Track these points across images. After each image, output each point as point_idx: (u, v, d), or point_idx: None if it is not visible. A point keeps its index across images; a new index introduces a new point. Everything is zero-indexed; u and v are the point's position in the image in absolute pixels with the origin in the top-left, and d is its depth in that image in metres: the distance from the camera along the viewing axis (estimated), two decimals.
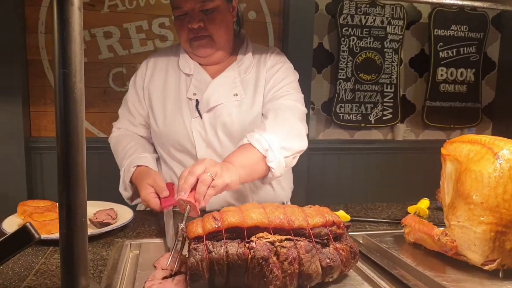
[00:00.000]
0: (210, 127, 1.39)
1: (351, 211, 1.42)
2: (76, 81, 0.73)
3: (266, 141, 1.23)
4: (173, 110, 1.42)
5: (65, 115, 0.73)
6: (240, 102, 1.40)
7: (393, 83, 3.48)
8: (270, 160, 1.22)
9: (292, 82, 1.46)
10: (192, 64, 1.45)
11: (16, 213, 1.19)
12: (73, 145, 0.74)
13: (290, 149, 1.29)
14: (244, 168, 1.16)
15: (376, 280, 0.87)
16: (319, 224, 0.83)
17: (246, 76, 1.43)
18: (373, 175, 3.50)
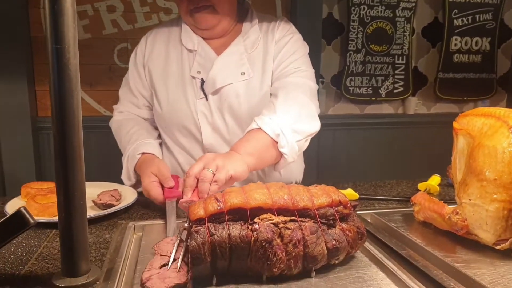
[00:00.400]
0: (216, 110, 1.31)
1: (360, 188, 1.39)
2: (70, 57, 0.70)
3: (277, 125, 1.16)
4: (176, 89, 1.34)
5: (60, 94, 0.70)
6: (247, 82, 1.31)
7: (405, 54, 3.38)
8: (282, 145, 1.16)
9: (302, 56, 1.37)
10: (195, 39, 1.35)
11: (20, 195, 1.18)
12: (69, 125, 0.72)
13: (302, 132, 1.23)
14: (252, 156, 1.10)
15: (384, 261, 0.84)
16: (325, 204, 0.80)
17: (254, 52, 1.34)
18: (384, 150, 3.45)
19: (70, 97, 0.71)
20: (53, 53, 0.69)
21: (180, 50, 1.37)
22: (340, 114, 3.42)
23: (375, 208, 1.19)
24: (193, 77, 1.33)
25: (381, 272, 0.82)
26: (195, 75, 1.33)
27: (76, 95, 0.71)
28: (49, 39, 0.68)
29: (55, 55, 0.69)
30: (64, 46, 0.69)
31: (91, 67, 2.90)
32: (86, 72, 2.91)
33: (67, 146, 0.72)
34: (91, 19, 2.86)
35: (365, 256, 0.89)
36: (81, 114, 0.73)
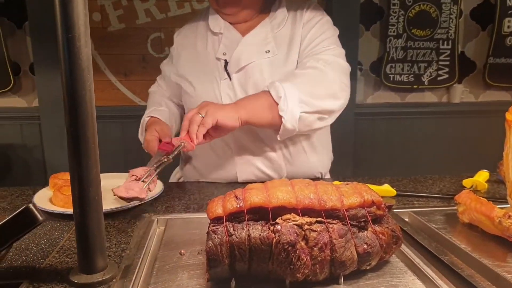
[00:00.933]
0: (240, 89, 1.31)
1: (398, 184, 1.30)
2: (81, 46, 0.66)
3: (283, 89, 1.15)
4: (202, 73, 1.36)
5: (72, 85, 0.67)
6: (272, 59, 1.30)
7: (451, 38, 3.17)
8: (282, 108, 1.15)
9: (331, 37, 1.34)
10: (222, 23, 1.37)
11: (49, 185, 1.18)
12: (82, 118, 0.68)
13: (313, 105, 1.19)
14: (245, 109, 1.15)
15: (422, 268, 0.76)
16: (356, 205, 0.73)
17: (280, 31, 1.33)
18: (426, 142, 3.27)
19: (82, 89, 0.67)
20: (63, 42, 0.65)
21: (206, 37, 1.40)
22: (379, 103, 3.28)
23: (414, 206, 1.10)
24: (218, 59, 1.34)
25: (419, 281, 0.74)
26: (220, 56, 1.34)
27: (88, 86, 0.68)
28: (59, 27, 0.65)
29: (65, 45, 0.65)
30: (74, 34, 0.65)
31: (125, 57, 2.92)
32: (120, 62, 2.94)
33: (81, 140, 0.68)
34: (125, 9, 2.87)
35: (401, 261, 0.81)
36: (94, 106, 0.69)
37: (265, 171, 1.35)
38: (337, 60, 1.29)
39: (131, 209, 1.07)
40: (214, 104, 1.16)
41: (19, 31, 2.97)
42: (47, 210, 1.02)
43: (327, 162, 1.48)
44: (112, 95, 2.99)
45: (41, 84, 2.89)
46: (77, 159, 0.69)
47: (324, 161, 1.46)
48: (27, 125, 3.02)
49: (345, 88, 1.28)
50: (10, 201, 1.16)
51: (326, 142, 1.47)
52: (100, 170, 0.73)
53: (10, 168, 3.11)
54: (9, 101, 3.05)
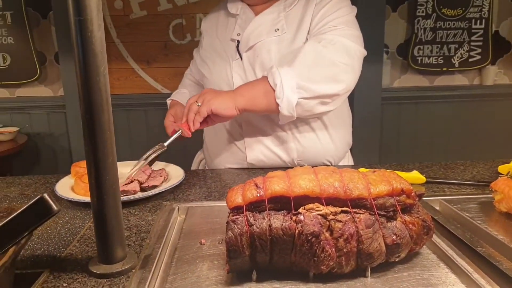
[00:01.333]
0: (249, 68, 1.30)
1: (427, 170, 1.24)
2: (93, 29, 0.64)
3: (279, 76, 1.14)
4: (217, 55, 1.37)
5: (85, 70, 0.64)
6: (280, 38, 1.27)
7: (484, 17, 3.03)
8: (278, 96, 1.14)
9: (342, 16, 1.26)
10: (239, 4, 1.36)
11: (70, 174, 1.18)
12: (97, 105, 0.66)
13: (312, 90, 1.14)
14: (243, 97, 1.16)
15: (456, 260, 0.72)
16: (384, 193, 0.68)
17: (291, 10, 1.30)
18: (456, 127, 3.15)
19: (96, 74, 0.64)
20: (75, 26, 0.62)
21: (227, 20, 1.40)
22: (407, 86, 3.17)
23: (445, 194, 1.05)
24: (232, 40, 1.34)
25: (452, 274, 0.69)
26: (234, 37, 1.33)
27: (102, 71, 0.65)
28: (71, 10, 0.62)
29: (77, 28, 0.62)
30: (86, 17, 0.62)
31: (147, 44, 2.91)
32: (142, 49, 2.94)
33: (96, 128, 0.67)
34: None
35: (432, 252, 0.76)
36: (109, 92, 0.67)
37: (275, 150, 1.32)
38: (342, 40, 1.20)
39: (152, 197, 1.05)
40: (211, 93, 1.18)
41: (44, 21, 3.01)
42: (68, 199, 1.02)
43: (341, 145, 1.40)
44: (135, 83, 3.00)
45: (66, 73, 2.92)
46: (93, 147, 0.67)
47: (341, 144, 1.39)
48: (53, 114, 3.08)
49: (349, 70, 1.19)
50: (34, 189, 1.17)
51: (341, 123, 1.40)
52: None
53: (39, 157, 3.18)
54: (35, 91, 3.11)
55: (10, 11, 2.89)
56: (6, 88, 3.09)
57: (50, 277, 0.71)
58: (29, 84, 3.06)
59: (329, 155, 1.37)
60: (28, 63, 2.98)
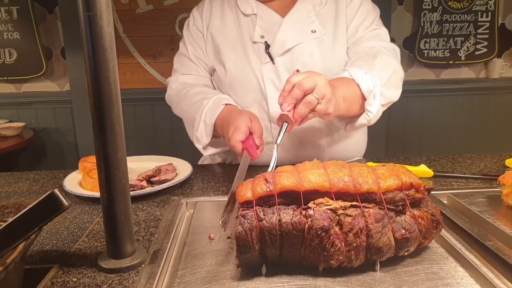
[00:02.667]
0: (285, 73, 1.21)
1: (435, 164, 1.24)
2: (103, 25, 0.64)
3: (372, 81, 1.06)
4: (238, 56, 1.25)
5: (95, 66, 0.65)
6: (320, 40, 1.21)
7: (490, 10, 3.00)
8: (370, 103, 1.07)
9: (377, 16, 1.28)
10: (253, 3, 1.25)
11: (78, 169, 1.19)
12: (106, 101, 0.66)
13: (387, 97, 1.13)
14: (345, 102, 1.02)
15: (464, 254, 0.72)
16: (393, 188, 0.68)
17: (322, 9, 1.24)
18: (463, 120, 3.14)
19: (106, 70, 0.65)
20: (84, 21, 0.62)
21: (237, 15, 1.28)
22: (413, 80, 3.16)
23: (452, 188, 1.05)
24: (254, 43, 1.24)
25: (461, 268, 0.69)
26: (258, 40, 1.23)
27: (112, 67, 0.65)
28: (80, 5, 0.62)
29: (87, 24, 0.63)
30: (96, 12, 0.62)
31: (154, 39, 2.91)
32: (149, 44, 2.93)
33: (106, 123, 0.67)
34: None
35: (441, 246, 0.76)
36: (119, 88, 0.67)
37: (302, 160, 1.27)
38: (393, 46, 1.23)
39: (160, 192, 1.06)
40: (330, 88, 0.94)
41: (50, 16, 3.01)
42: (76, 194, 1.02)
43: (362, 146, 1.42)
44: (142, 78, 3.01)
45: (72, 68, 2.93)
46: (102, 142, 0.67)
47: (360, 145, 1.40)
48: (59, 109, 3.09)
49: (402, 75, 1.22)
50: (42, 185, 1.17)
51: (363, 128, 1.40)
52: (130, 153, 0.71)
53: (45, 152, 3.20)
54: (42, 86, 3.12)
55: (16, 6, 2.90)
56: (12, 83, 3.11)
57: (60, 272, 0.71)
58: (35, 79, 3.07)
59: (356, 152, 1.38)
60: (34, 58, 2.99)
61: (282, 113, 0.91)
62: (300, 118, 0.91)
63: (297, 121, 0.92)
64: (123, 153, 0.70)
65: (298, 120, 0.92)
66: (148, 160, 1.27)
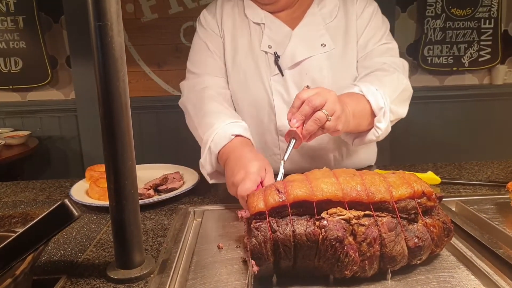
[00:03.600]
0: (293, 86, 1.19)
1: (441, 171, 1.23)
2: (113, 35, 0.64)
3: (382, 98, 1.05)
4: (248, 64, 1.22)
5: (105, 75, 0.65)
6: (329, 54, 1.20)
7: (493, 17, 3.01)
8: (380, 120, 1.06)
9: (387, 30, 1.27)
10: (261, 12, 1.23)
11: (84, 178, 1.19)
12: (116, 108, 0.66)
13: (396, 113, 1.12)
14: (355, 118, 1.01)
15: (475, 262, 0.71)
16: (406, 196, 0.68)
17: (332, 22, 1.22)
18: (468, 127, 3.13)
19: (116, 79, 0.65)
20: (95, 31, 0.63)
21: (248, 24, 1.25)
22: (417, 86, 3.15)
23: (460, 195, 1.04)
24: (264, 52, 1.22)
25: (473, 276, 0.68)
26: (265, 49, 1.21)
27: (122, 76, 0.65)
28: (90, 15, 0.62)
29: (97, 33, 0.63)
30: (106, 23, 0.62)
31: (158, 47, 2.93)
32: (154, 52, 2.95)
33: (116, 132, 0.67)
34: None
35: (452, 254, 0.75)
36: (128, 97, 0.67)
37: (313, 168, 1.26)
38: (403, 61, 1.23)
39: (167, 200, 1.05)
40: (340, 104, 0.92)
41: (56, 25, 3.03)
42: (83, 203, 1.02)
43: (373, 154, 1.41)
44: (146, 86, 3.02)
45: (77, 77, 2.94)
46: (112, 151, 0.67)
47: (371, 153, 1.39)
48: (64, 117, 3.10)
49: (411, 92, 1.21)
50: (49, 194, 1.17)
51: None
52: (136, 161, 0.71)
53: (50, 160, 3.20)
54: (47, 94, 3.13)
55: (23, 16, 2.92)
56: (17, 92, 3.12)
57: (68, 283, 0.71)
58: (40, 87, 3.09)
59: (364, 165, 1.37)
60: (39, 67, 3.00)
61: (291, 129, 0.89)
62: (308, 135, 0.90)
63: (305, 137, 0.90)
64: (132, 162, 0.70)
65: (306, 137, 0.90)
66: (155, 168, 1.27)
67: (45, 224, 0.56)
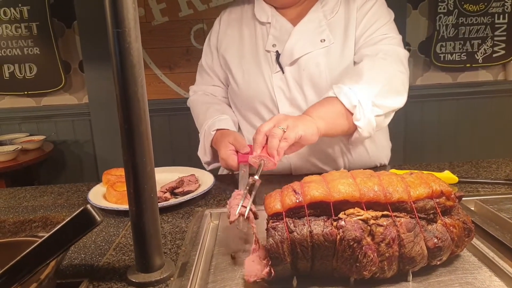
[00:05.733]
0: (294, 83, 1.24)
1: (458, 170, 1.22)
2: (131, 41, 0.64)
3: (355, 96, 1.07)
4: (251, 65, 1.28)
5: (124, 81, 0.65)
6: (328, 49, 1.22)
7: (507, 11, 2.97)
8: (358, 118, 1.08)
9: (388, 22, 1.24)
10: (268, 11, 1.28)
11: (102, 182, 1.20)
12: (135, 113, 0.67)
13: (383, 106, 1.11)
14: (323, 120, 1.05)
15: (498, 263, 0.70)
16: (424, 196, 0.67)
17: (333, 18, 1.24)
18: (483, 124, 3.09)
19: (134, 85, 0.65)
20: (113, 37, 0.63)
21: (254, 26, 1.31)
22: (430, 84, 3.13)
23: (479, 194, 1.02)
24: (267, 51, 1.27)
25: (496, 278, 0.68)
26: (270, 49, 1.26)
27: (140, 82, 0.66)
28: (109, 22, 0.63)
29: (115, 40, 0.63)
30: (124, 29, 0.63)
31: (169, 50, 2.95)
32: (165, 55, 2.97)
33: (135, 137, 0.67)
34: (167, 2, 2.89)
35: (473, 255, 0.75)
36: (147, 102, 0.68)
37: (321, 166, 1.28)
38: (397, 49, 1.20)
39: (184, 203, 1.06)
40: (292, 117, 1.03)
41: (69, 31, 3.07)
42: (101, 207, 1.03)
43: (387, 151, 1.40)
44: (158, 89, 3.04)
45: (90, 81, 2.98)
46: (131, 156, 0.68)
47: (384, 150, 1.38)
48: (78, 121, 3.13)
49: (407, 79, 1.19)
50: (67, 198, 1.19)
51: (384, 130, 1.38)
52: None
53: (65, 164, 3.25)
54: (61, 99, 3.17)
55: (36, 22, 2.96)
56: (32, 98, 3.17)
57: (90, 287, 0.72)
58: (54, 92, 3.13)
59: (378, 161, 1.36)
60: (53, 72, 3.04)
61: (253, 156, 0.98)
62: (274, 150, 0.95)
63: (272, 154, 0.95)
64: (151, 166, 0.70)
65: (273, 153, 0.95)
66: (170, 171, 1.27)
67: (68, 229, 0.56)
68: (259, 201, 0.93)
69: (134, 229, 0.71)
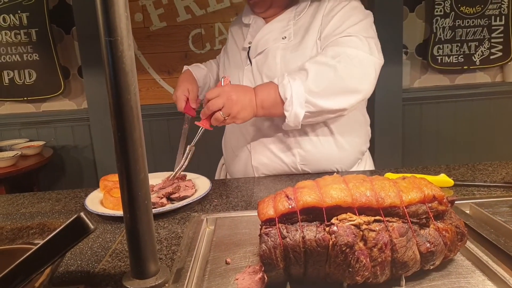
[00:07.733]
0: (257, 73, 1.35)
1: (454, 173, 1.22)
2: (124, 49, 0.65)
3: (290, 90, 1.15)
4: (232, 61, 1.45)
5: (117, 89, 0.66)
6: (286, 45, 1.31)
7: (504, 13, 2.98)
8: (286, 109, 1.17)
9: (356, 24, 1.23)
10: (252, 15, 1.43)
11: (99, 187, 1.20)
12: (128, 121, 0.67)
13: (316, 106, 1.16)
14: (264, 110, 1.20)
15: (492, 267, 0.70)
16: (416, 201, 0.68)
17: (300, 19, 1.33)
18: (480, 126, 3.09)
19: (127, 93, 0.66)
20: (106, 46, 0.64)
21: (241, 30, 1.47)
22: (427, 86, 3.13)
23: (474, 197, 1.03)
24: (244, 49, 1.41)
25: (490, 282, 0.68)
26: (246, 45, 1.40)
27: (133, 90, 0.67)
28: (101, 31, 0.64)
29: (108, 49, 0.64)
30: (116, 38, 0.63)
31: (168, 55, 2.96)
32: (163, 60, 2.98)
33: (128, 144, 0.68)
34: (165, 8, 2.90)
35: (467, 259, 0.75)
36: (140, 109, 0.68)
37: (278, 154, 1.34)
38: (358, 53, 1.18)
39: (180, 208, 1.07)
40: (238, 105, 1.16)
41: (67, 36, 3.09)
42: (98, 213, 1.04)
43: (349, 153, 1.37)
44: (157, 94, 3.05)
45: (89, 87, 2.99)
46: (125, 163, 0.68)
47: (345, 151, 1.35)
48: (77, 126, 3.14)
49: (364, 83, 1.19)
50: (64, 204, 1.19)
51: (351, 130, 1.36)
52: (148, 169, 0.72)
53: (64, 169, 3.25)
54: (60, 105, 3.18)
55: (35, 29, 2.98)
56: (32, 103, 3.18)
57: None
58: (54, 98, 3.14)
59: (335, 161, 1.35)
60: (53, 78, 3.06)
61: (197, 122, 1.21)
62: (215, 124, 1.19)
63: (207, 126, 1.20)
64: (145, 173, 0.71)
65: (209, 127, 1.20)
66: (166, 176, 1.28)
67: (62, 237, 0.57)
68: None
69: (129, 235, 0.71)
